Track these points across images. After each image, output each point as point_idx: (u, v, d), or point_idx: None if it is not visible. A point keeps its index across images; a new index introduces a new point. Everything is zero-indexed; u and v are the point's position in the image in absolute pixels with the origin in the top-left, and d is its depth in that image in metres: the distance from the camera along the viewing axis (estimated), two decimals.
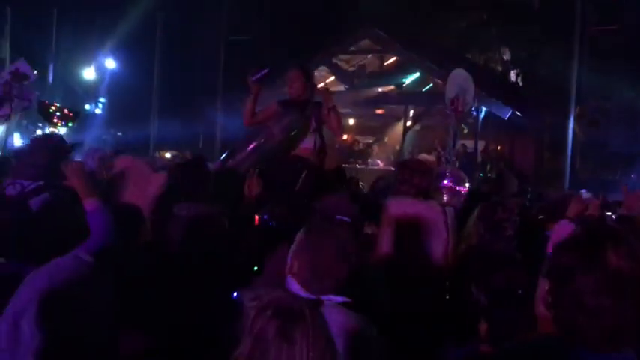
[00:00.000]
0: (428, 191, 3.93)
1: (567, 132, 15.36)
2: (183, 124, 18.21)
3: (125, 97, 18.50)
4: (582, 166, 16.74)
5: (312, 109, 4.74)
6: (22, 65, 8.74)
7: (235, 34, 17.86)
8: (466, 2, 19.55)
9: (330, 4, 17.75)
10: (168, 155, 18.80)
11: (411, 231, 3.52)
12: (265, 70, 4.68)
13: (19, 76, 8.51)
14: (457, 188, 5.95)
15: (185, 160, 5.57)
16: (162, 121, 18.01)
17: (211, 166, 5.11)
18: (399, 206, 3.62)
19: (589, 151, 17.21)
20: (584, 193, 8.00)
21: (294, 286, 2.00)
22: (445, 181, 5.87)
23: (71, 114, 11.08)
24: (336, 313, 1.89)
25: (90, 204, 2.56)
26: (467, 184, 5.93)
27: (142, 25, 18.12)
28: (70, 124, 11.07)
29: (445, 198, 5.76)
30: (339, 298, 1.95)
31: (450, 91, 9.27)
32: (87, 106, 19.01)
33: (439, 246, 3.59)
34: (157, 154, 17.84)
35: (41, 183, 3.06)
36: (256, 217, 4.07)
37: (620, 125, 16.23)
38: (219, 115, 17.34)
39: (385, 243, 3.50)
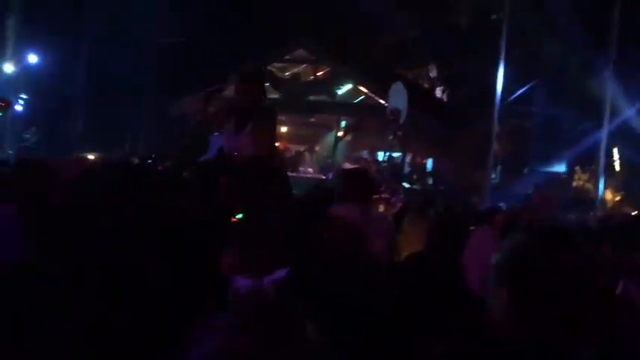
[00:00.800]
0: (369, 197, 4.07)
1: (489, 148, 16.10)
2: (110, 124, 17.69)
3: (48, 94, 17.76)
4: (502, 180, 17.53)
5: (262, 114, 4.81)
6: None
7: (168, 36, 17.56)
8: (396, 19, 20.10)
9: (267, 12, 17.79)
10: (91, 157, 18.19)
11: (355, 236, 3.60)
12: (217, 87, 4.74)
13: None
14: (392, 200, 6.17)
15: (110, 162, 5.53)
16: (88, 120, 17.43)
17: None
18: (341, 212, 3.73)
19: (509, 166, 18.08)
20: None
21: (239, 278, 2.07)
22: (382, 193, 6.08)
23: (2, 103, 10.48)
24: None
25: None
26: (401, 196, 6.15)
27: (68, 19, 17.49)
28: (0, 114, 10.49)
29: (382, 208, 5.96)
30: (279, 275, 2.04)
31: (391, 104, 9.61)
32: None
33: (381, 248, 3.76)
34: (78, 155, 17.24)
35: None
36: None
37: (539, 142, 17.15)
38: (147, 116, 16.97)
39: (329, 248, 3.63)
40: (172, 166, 5.15)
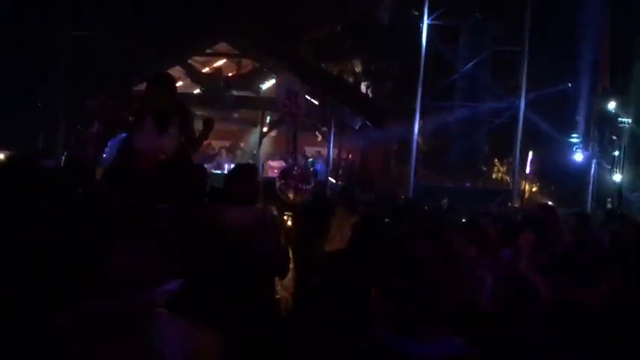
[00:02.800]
0: (249, 195, 4.03)
1: (412, 142, 16.38)
2: (21, 122, 16.72)
3: None
4: (424, 173, 17.89)
5: (176, 112, 4.86)
6: None
7: (79, 29, 16.77)
8: (321, 14, 20.09)
9: (188, 5, 17.30)
10: (1, 156, 17.15)
11: (232, 236, 3.64)
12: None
13: None
14: (301, 186, 6.16)
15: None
16: None
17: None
18: (216, 214, 3.84)
19: (431, 159, 18.48)
20: None
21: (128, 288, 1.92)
22: (291, 180, 6.07)
23: None
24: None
25: None
26: (311, 183, 6.17)
27: None
28: None
29: (291, 195, 5.96)
30: (171, 286, 1.90)
31: (281, 95, 9.52)
32: None
33: (262, 246, 3.78)
34: None
35: None
36: None
37: (459, 136, 17.60)
38: (62, 113, 16.16)
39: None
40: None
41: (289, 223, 5.18)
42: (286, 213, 5.32)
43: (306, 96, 11.40)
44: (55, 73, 17.08)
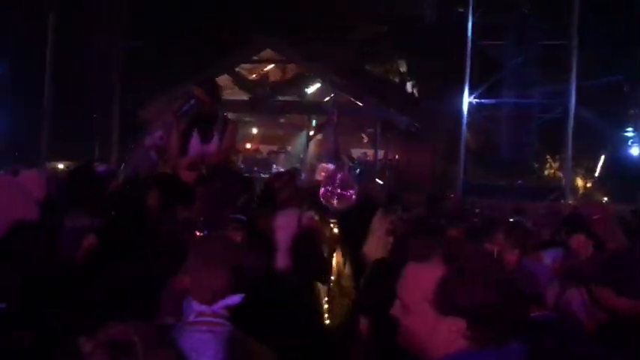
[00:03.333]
0: (288, 201, 4.09)
1: (460, 140, 16.20)
2: (78, 132, 17.42)
3: (13, 102, 17.45)
4: (474, 172, 17.65)
5: (219, 124, 4.90)
6: None
7: (132, 40, 17.35)
8: (365, 15, 20.12)
9: (233, 13, 17.67)
10: (61, 166, 17.91)
11: (269, 241, 3.68)
12: (192, 102, 4.69)
13: None
14: (344, 192, 6.21)
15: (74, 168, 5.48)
16: (55, 129, 17.14)
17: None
18: (261, 219, 3.88)
19: (480, 157, 18.21)
20: None
21: (190, 301, 2.03)
22: (333, 187, 6.14)
23: None
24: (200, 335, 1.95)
25: None
26: (354, 188, 6.21)
27: (31, 26, 17.17)
28: None
29: (335, 202, 6.03)
30: (231, 300, 1.98)
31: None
32: None
33: (298, 249, 3.75)
34: (48, 165, 16.96)
35: None
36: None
37: (510, 132, 17.28)
38: (116, 122, 16.76)
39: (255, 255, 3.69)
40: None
41: (335, 230, 5.20)
42: (331, 220, 5.32)
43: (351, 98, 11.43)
44: (109, 83, 17.72)
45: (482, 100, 16.98)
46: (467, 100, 16.12)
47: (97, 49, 18.09)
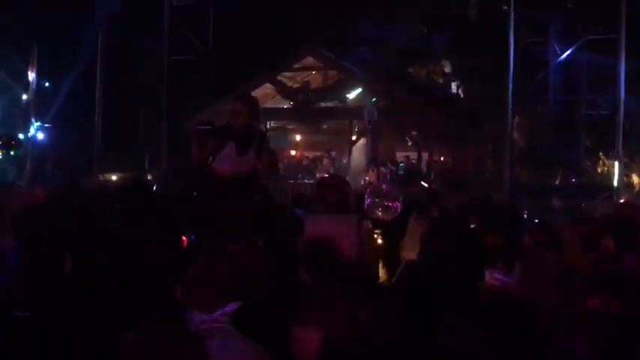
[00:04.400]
0: (343, 204, 4.01)
1: (507, 139, 15.90)
2: (128, 144, 17.99)
3: (64, 117, 18.18)
4: (523, 171, 17.29)
5: (255, 137, 4.93)
6: None
7: (178, 54, 17.80)
8: (406, 16, 19.98)
9: (272, 22, 17.88)
10: (114, 177, 18.54)
11: (322, 245, 3.60)
12: (209, 127, 4.75)
13: None
14: (389, 204, 6.18)
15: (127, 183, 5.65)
16: (106, 141, 17.76)
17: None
18: (311, 223, 3.82)
19: (529, 156, 17.82)
20: None
21: (193, 311, 2.12)
22: (378, 199, 6.11)
23: (13, 142, 10.83)
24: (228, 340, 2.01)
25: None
26: (399, 200, 6.15)
27: (78, 42, 17.86)
28: (12, 152, 10.83)
29: (380, 214, 5.99)
30: (229, 308, 2.06)
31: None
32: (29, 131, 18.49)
33: (352, 256, 3.70)
34: (101, 177, 17.58)
35: None
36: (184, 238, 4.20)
37: (558, 130, 16.89)
38: (164, 134, 17.22)
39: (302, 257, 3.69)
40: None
41: (379, 241, 5.18)
42: (376, 231, 5.29)
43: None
44: (156, 96, 18.22)
45: (530, 97, 16.67)
46: (511, 97, 15.79)
47: (145, 63, 18.67)
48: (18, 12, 18.44)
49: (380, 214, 5.84)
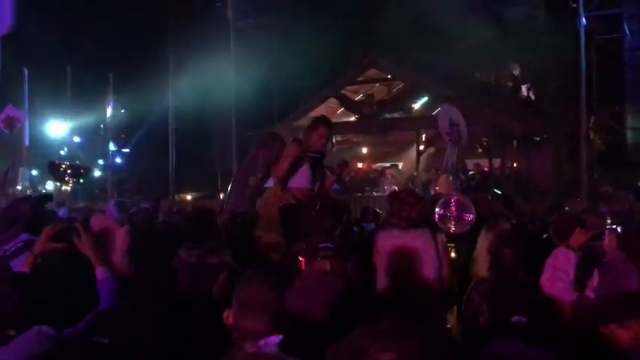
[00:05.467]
0: (418, 221, 3.95)
1: (582, 142, 15.23)
2: (200, 163, 18.52)
3: (140, 139, 18.99)
4: (602, 174, 16.52)
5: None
6: (11, 110, 8.88)
7: (243, 72, 18.21)
8: (471, 21, 19.61)
9: (334, 35, 18.00)
10: (189, 197, 19.15)
11: (399, 262, 3.61)
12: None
13: (10, 121, 8.69)
14: (462, 216, 5.98)
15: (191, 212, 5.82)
16: (180, 162, 18.37)
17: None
18: (387, 239, 3.74)
19: (608, 159, 17.02)
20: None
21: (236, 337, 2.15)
22: (450, 210, 5.93)
23: (82, 170, 11.46)
24: None
25: (100, 273, 2.74)
26: (472, 212, 5.95)
27: (150, 60, 18.62)
28: (81, 180, 11.44)
29: (452, 226, 5.82)
30: (272, 340, 2.05)
31: (444, 126, 9.90)
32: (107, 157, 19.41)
33: (430, 273, 3.66)
34: (176, 197, 18.18)
35: (20, 243, 3.14)
36: None
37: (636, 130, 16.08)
38: (234, 154, 17.59)
39: (378, 275, 3.63)
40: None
41: (452, 254, 5.05)
42: (449, 245, 5.17)
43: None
44: (225, 113, 18.68)
45: (605, 96, 15.93)
46: (585, 97, 15.12)
47: (212, 85, 19.21)
48: (96, 42, 19.48)
49: (452, 226, 5.69)
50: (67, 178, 10.89)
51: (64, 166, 11.21)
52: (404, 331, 1.32)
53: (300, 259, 3.46)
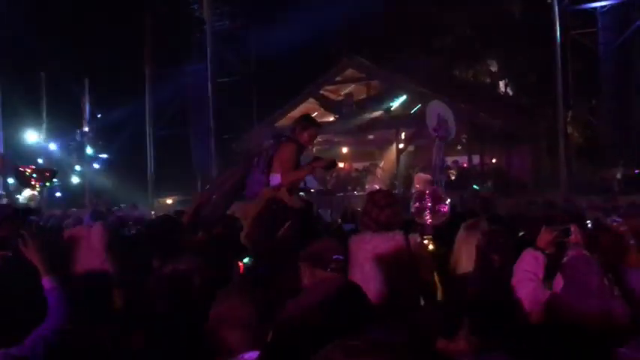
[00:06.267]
0: (390, 223, 3.91)
1: (560, 136, 15.37)
2: (180, 166, 18.37)
3: (118, 145, 18.80)
4: (581, 167, 16.68)
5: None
6: None
7: (221, 76, 18.12)
8: (448, 19, 19.72)
9: (312, 36, 17.98)
10: (169, 201, 18.96)
11: (370, 266, 3.54)
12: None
13: None
14: (437, 207, 5.99)
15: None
16: (159, 166, 18.22)
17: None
18: (358, 242, 3.69)
19: (586, 151, 17.18)
20: None
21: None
22: (425, 203, 5.94)
23: (47, 173, 11.28)
24: None
25: (47, 282, 2.59)
26: (447, 202, 5.98)
27: (126, 65, 18.45)
28: (47, 184, 11.27)
29: (428, 219, 5.82)
30: (250, 356, 1.99)
31: (432, 121, 9.84)
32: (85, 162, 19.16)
33: (402, 276, 3.60)
34: (156, 202, 18.01)
35: None
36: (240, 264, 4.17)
37: (613, 122, 16.20)
38: (213, 156, 17.47)
39: (353, 280, 3.57)
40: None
41: (430, 247, 5.03)
42: (426, 237, 5.14)
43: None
44: (204, 118, 18.58)
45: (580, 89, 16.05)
46: (562, 91, 15.26)
47: (191, 88, 19.07)
48: (70, 47, 19.22)
49: (429, 218, 5.69)
50: (33, 182, 10.72)
51: (29, 170, 11.04)
52: (378, 348, 1.27)
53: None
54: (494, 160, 16.88)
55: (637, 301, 2.98)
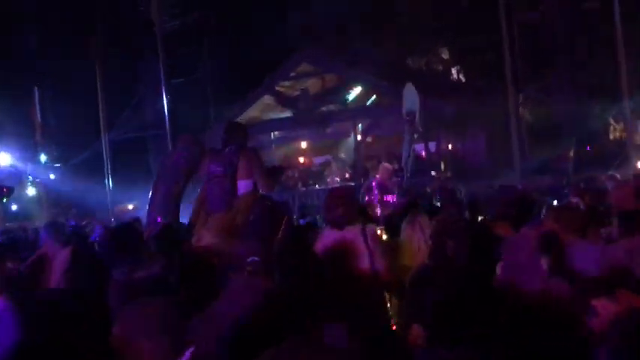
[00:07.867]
0: (347, 218, 3.96)
1: (512, 117, 15.69)
2: (138, 172, 18.13)
3: (74, 152, 18.46)
4: (534, 150, 17.04)
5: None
6: None
7: (176, 76, 17.91)
8: (399, 7, 19.85)
9: (264, 31, 17.93)
10: (130, 207, 18.70)
11: (333, 260, 3.64)
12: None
13: None
14: (385, 198, 6.13)
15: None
16: (117, 172, 17.95)
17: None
18: (322, 238, 3.92)
19: (540, 133, 17.55)
20: None
21: None
22: (372, 195, 6.07)
23: (5, 189, 11.04)
24: None
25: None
26: (394, 192, 6.10)
27: (77, 70, 18.08)
28: (4, 200, 11.05)
29: (378, 210, 5.95)
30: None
31: (406, 106, 9.85)
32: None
33: (362, 269, 3.72)
34: (116, 208, 17.75)
35: None
36: None
37: (567, 101, 16.59)
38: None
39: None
40: None
41: (384, 237, 5.11)
42: (378, 227, 5.20)
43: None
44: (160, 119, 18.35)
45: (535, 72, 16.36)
46: (510, 72, 15.54)
47: (145, 90, 18.82)
48: (19, 54, 18.75)
49: (378, 210, 5.82)
50: None
51: None
52: (315, 350, 1.35)
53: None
54: (450, 146, 17.16)
55: (581, 279, 3.11)
